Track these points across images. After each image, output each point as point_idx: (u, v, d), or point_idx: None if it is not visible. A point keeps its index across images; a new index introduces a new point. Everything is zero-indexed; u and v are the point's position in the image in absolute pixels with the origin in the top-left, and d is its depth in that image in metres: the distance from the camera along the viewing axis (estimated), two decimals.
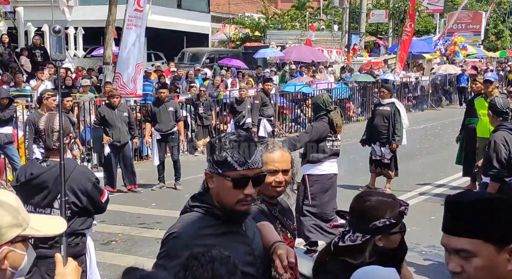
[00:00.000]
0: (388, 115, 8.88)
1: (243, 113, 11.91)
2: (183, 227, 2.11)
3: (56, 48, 2.46)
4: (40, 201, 3.58)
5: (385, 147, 8.94)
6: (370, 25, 32.36)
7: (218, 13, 34.46)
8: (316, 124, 6.35)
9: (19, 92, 11.84)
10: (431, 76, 22.48)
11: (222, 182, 2.09)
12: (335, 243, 2.47)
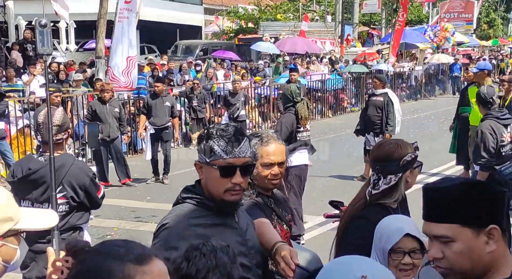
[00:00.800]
0: (381, 106, 8.94)
1: (236, 105, 11.93)
2: (175, 218, 2.12)
3: (43, 43, 2.44)
4: (39, 196, 3.57)
5: (378, 137, 8.98)
6: (363, 15, 32.29)
7: (211, 5, 34.30)
8: (282, 120, 6.32)
9: (11, 87, 11.77)
10: (424, 66, 22.51)
11: (210, 171, 2.11)
12: (369, 193, 2.66)
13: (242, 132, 2.16)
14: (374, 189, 2.66)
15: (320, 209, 7.05)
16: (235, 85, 12.27)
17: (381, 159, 2.68)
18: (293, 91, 6.40)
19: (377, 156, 2.72)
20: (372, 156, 2.79)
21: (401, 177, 2.64)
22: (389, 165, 2.64)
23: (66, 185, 3.57)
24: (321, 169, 9.89)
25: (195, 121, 12.80)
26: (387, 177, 2.64)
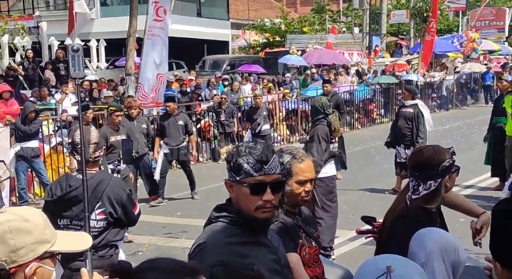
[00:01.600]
0: (411, 117, 8.81)
1: (257, 120, 11.68)
2: (209, 238, 2.10)
3: (75, 67, 2.50)
4: (79, 212, 3.61)
5: (409, 149, 8.83)
6: (391, 25, 32.10)
7: (238, 20, 34.61)
8: (318, 132, 6.25)
9: (44, 106, 12.03)
10: (456, 75, 22.17)
11: (240, 189, 2.10)
12: (409, 197, 2.73)
13: (271, 149, 2.14)
14: (414, 194, 2.72)
15: (351, 223, 6.97)
16: (257, 100, 12.02)
17: (420, 166, 2.74)
18: (324, 103, 6.39)
19: (416, 162, 2.78)
20: (410, 163, 2.84)
21: (441, 182, 2.70)
22: (428, 171, 2.70)
23: (105, 201, 3.63)
24: (351, 182, 9.78)
25: (223, 136, 12.85)
26: (427, 183, 2.69)
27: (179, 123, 9.36)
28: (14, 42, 16.83)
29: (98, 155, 3.69)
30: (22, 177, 9.07)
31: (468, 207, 3.12)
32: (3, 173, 8.61)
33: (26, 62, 15.28)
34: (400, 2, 34.18)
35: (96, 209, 3.58)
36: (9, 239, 1.56)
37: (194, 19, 26.92)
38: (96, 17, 24.36)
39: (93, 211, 3.62)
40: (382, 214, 2.88)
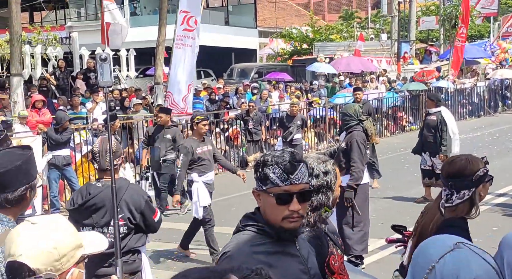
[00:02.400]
0: (434, 125, 8.85)
1: (290, 129, 11.39)
2: (236, 246, 2.10)
3: (103, 75, 2.54)
4: (99, 219, 3.71)
5: (434, 157, 8.87)
6: (420, 32, 31.77)
7: (265, 28, 34.71)
8: (357, 139, 6.17)
9: (76, 115, 12.24)
10: (487, 82, 21.79)
11: (267, 198, 2.09)
12: (442, 205, 2.74)
13: (298, 158, 2.11)
14: (447, 203, 2.74)
15: (381, 232, 6.89)
16: (293, 108, 11.68)
17: (454, 175, 2.74)
18: (357, 110, 6.36)
19: (449, 172, 2.79)
20: (443, 172, 2.85)
21: (475, 191, 2.70)
22: (462, 181, 2.71)
23: (123, 207, 3.71)
24: (381, 190, 9.68)
25: (251, 144, 12.86)
26: (461, 192, 2.70)
27: (166, 137, 9.05)
28: (46, 52, 17.20)
29: (116, 164, 3.74)
30: (54, 184, 9.24)
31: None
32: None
33: (58, 72, 15.59)
34: (429, 8, 33.84)
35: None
36: (53, 249, 1.60)
37: (222, 27, 27.10)
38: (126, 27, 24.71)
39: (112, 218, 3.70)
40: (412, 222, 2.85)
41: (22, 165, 2.30)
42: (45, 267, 1.59)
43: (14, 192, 2.27)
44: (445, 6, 22.87)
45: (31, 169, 2.35)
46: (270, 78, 21.45)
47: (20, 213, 2.42)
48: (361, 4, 46.22)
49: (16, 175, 2.28)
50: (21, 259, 1.58)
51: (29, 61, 16.58)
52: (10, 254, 1.61)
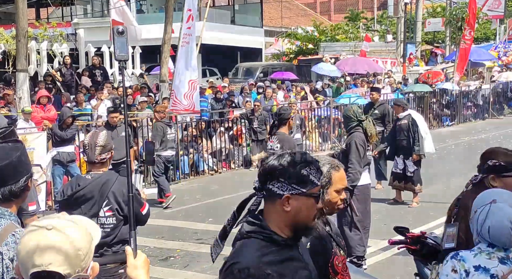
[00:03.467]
0: (406, 128, 8.97)
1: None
2: (244, 256, 2.00)
3: (120, 49, 2.54)
4: (88, 210, 3.79)
5: (408, 160, 8.97)
6: (426, 33, 31.70)
7: (271, 27, 34.69)
8: (355, 140, 6.18)
9: (80, 112, 12.28)
10: (492, 84, 21.73)
11: (306, 201, 2.02)
12: (467, 185, 3.38)
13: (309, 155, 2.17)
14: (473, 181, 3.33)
15: (383, 233, 6.89)
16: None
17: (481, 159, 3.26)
18: (356, 111, 6.36)
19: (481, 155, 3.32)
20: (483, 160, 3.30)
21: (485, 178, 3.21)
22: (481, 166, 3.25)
23: (111, 198, 3.82)
24: (383, 191, 9.68)
25: (256, 143, 12.87)
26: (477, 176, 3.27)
27: (121, 135, 8.86)
28: (52, 49, 17.25)
29: (104, 157, 3.87)
30: (58, 181, 9.27)
31: None
32: (39, 176, 8.81)
33: (64, 69, 15.62)
34: (436, 10, 33.77)
35: (104, 206, 3.81)
36: (78, 251, 1.62)
37: (228, 26, 27.10)
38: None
39: (101, 209, 3.82)
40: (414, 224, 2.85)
41: (21, 156, 2.36)
42: (74, 269, 1.60)
43: (18, 183, 2.32)
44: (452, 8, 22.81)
45: (26, 159, 2.42)
46: (275, 78, 21.44)
47: (21, 204, 2.45)
48: (367, 4, 46.16)
49: (17, 167, 2.34)
50: (51, 267, 1.57)
51: (35, 57, 16.63)
52: (35, 264, 1.57)
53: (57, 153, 9.08)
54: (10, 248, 2.19)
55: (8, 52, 17.29)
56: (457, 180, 9.25)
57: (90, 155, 3.85)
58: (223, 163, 12.84)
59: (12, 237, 2.21)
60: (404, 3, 25.89)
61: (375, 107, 10.35)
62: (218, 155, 12.65)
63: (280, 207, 2.02)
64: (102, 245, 3.75)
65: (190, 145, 12.14)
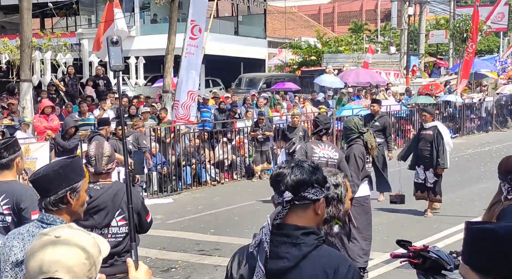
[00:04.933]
0: (431, 140, 8.89)
1: (293, 140, 11.15)
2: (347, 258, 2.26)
3: (115, 59, 2.53)
4: (101, 220, 3.78)
5: (428, 171, 8.91)
6: (430, 45, 31.77)
7: (275, 38, 34.82)
8: (354, 152, 6.17)
9: (83, 122, 12.29)
10: (496, 97, 21.73)
11: (324, 202, 2.23)
12: (505, 198, 3.43)
13: None
14: (509, 195, 3.43)
15: (386, 246, 6.85)
16: (294, 119, 11.63)
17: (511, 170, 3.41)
18: (357, 123, 6.37)
19: (508, 169, 3.47)
20: (501, 169, 3.52)
21: None
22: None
23: (124, 207, 3.79)
24: (386, 203, 9.64)
25: (259, 154, 12.85)
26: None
27: (129, 147, 9.22)
28: (56, 59, 17.32)
29: (110, 168, 3.88)
30: None
31: None
32: None
33: (67, 78, 15.67)
34: (439, 22, 33.86)
35: (117, 216, 3.80)
36: (85, 260, 1.63)
37: (232, 37, 27.21)
38: (136, 35, 24.88)
39: (114, 218, 3.81)
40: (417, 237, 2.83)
41: (59, 169, 2.56)
42: (81, 278, 1.62)
43: (57, 194, 2.54)
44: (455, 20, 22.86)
45: (70, 173, 2.59)
46: (277, 88, 21.47)
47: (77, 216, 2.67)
48: (371, 16, 46.34)
49: (53, 179, 2.54)
50: (58, 275, 1.58)
51: (39, 67, 16.69)
52: (43, 271, 1.59)
53: None
54: None
55: (12, 62, 17.37)
56: (459, 193, 9.22)
57: (97, 166, 3.85)
58: (225, 173, 12.82)
59: None
60: (408, 15, 25.97)
61: (375, 119, 10.35)
62: (220, 165, 12.63)
63: (313, 212, 2.16)
64: (113, 254, 3.73)
65: (193, 155, 12.14)
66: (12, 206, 3.73)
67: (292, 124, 11.61)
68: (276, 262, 2.08)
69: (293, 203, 2.13)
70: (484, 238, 1.52)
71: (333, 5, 51.07)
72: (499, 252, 1.49)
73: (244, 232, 8.20)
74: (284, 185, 2.14)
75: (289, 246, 2.10)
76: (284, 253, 2.09)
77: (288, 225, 2.13)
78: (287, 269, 2.07)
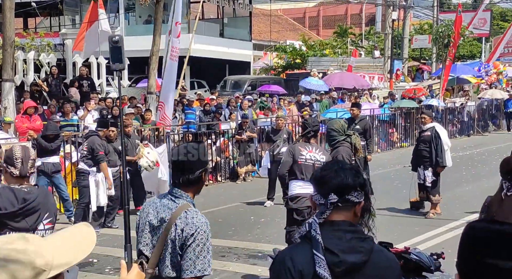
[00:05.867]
0: (429, 140, 9.09)
1: (277, 142, 11.10)
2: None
3: (115, 58, 2.52)
4: (33, 223, 3.73)
5: (427, 170, 9.09)
6: (413, 50, 32.08)
7: (260, 41, 34.89)
8: (343, 154, 6.21)
9: (67, 122, 12.20)
10: (477, 101, 22.00)
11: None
12: (505, 194, 4.07)
13: None
14: (509, 191, 4.06)
15: None
16: (278, 121, 11.63)
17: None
18: (343, 125, 6.41)
19: (509, 169, 4.07)
20: (503, 169, 4.11)
21: None
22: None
23: (51, 211, 3.85)
24: None
25: (244, 156, 12.85)
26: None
27: (119, 148, 8.96)
28: (39, 59, 17.17)
29: (33, 171, 3.93)
30: None
31: None
32: None
33: (51, 79, 15.54)
34: (423, 27, 34.22)
35: (45, 219, 3.76)
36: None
37: (217, 39, 27.21)
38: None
39: (41, 222, 3.76)
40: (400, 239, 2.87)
41: (198, 153, 3.06)
42: None
43: (193, 174, 2.99)
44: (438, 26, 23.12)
45: (204, 157, 3.09)
46: (263, 91, 21.50)
47: (197, 192, 3.09)
48: (356, 20, 46.63)
49: (195, 162, 3.03)
50: None
51: (22, 67, 16.53)
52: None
53: (41, 164, 8.99)
54: (182, 221, 2.88)
55: None
56: (441, 196, 9.31)
57: (23, 168, 3.80)
58: (210, 175, 12.80)
59: (184, 213, 2.90)
60: (392, 19, 26.21)
61: (356, 123, 10.46)
62: None
63: (353, 214, 2.25)
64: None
65: None
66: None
67: (276, 126, 11.60)
68: (354, 256, 2.15)
69: (337, 204, 2.21)
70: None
71: (318, 8, 51.32)
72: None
73: (228, 234, 8.20)
74: (329, 188, 2.22)
75: (358, 241, 2.19)
76: (359, 247, 2.17)
77: (342, 221, 2.22)
78: (364, 262, 2.15)
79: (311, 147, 6.41)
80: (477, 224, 1.56)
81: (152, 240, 2.98)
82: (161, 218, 2.96)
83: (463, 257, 1.50)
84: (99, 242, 8.53)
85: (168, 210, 2.96)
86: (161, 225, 2.94)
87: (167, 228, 2.90)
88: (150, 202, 3.14)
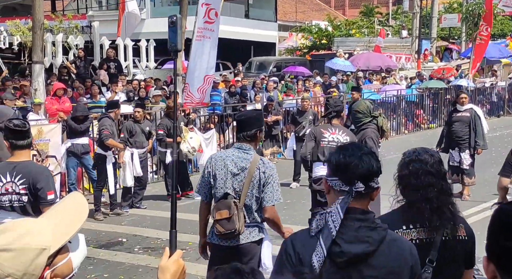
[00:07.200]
0: (468, 121, 8.82)
1: (303, 124, 11.09)
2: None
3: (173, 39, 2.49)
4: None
5: (464, 152, 8.84)
6: (442, 29, 31.42)
7: (285, 22, 34.59)
8: (371, 135, 6.08)
9: (94, 104, 12.35)
10: (508, 81, 21.51)
11: None
12: None
13: None
14: None
15: None
16: (304, 103, 11.57)
17: None
18: (369, 106, 6.33)
19: None
20: None
21: None
22: None
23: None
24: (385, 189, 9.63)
25: (269, 138, 12.86)
26: None
27: (146, 129, 9.40)
28: (68, 41, 17.35)
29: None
30: (72, 172, 9.35)
31: None
32: (54, 168, 8.91)
33: (78, 61, 15.71)
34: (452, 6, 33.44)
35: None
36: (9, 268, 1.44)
37: (242, 20, 27.07)
38: (147, 18, 24.82)
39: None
40: None
41: (256, 115, 4.13)
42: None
43: (250, 131, 3.93)
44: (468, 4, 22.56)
45: (260, 119, 4.12)
46: (288, 72, 21.38)
47: (255, 147, 4.02)
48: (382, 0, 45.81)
49: (252, 121, 3.95)
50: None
51: (51, 49, 16.74)
52: None
53: (71, 145, 9.16)
54: (262, 166, 3.88)
55: (24, 44, 17.42)
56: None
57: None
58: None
59: (261, 161, 3.91)
60: None
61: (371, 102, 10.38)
62: None
63: (369, 198, 2.22)
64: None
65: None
66: (29, 185, 3.79)
67: (302, 108, 11.57)
68: (357, 246, 2.08)
69: (361, 192, 2.15)
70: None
71: None
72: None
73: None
74: (355, 175, 2.14)
75: (367, 230, 2.11)
76: (366, 237, 2.09)
77: (354, 208, 2.14)
78: (369, 253, 2.08)
79: (333, 129, 6.33)
80: (506, 207, 1.54)
81: (233, 184, 3.90)
82: (242, 167, 3.87)
83: (492, 240, 1.49)
84: (128, 222, 8.70)
85: (245, 160, 3.88)
86: (242, 172, 3.87)
87: (250, 173, 3.84)
88: (217, 156, 4.01)
